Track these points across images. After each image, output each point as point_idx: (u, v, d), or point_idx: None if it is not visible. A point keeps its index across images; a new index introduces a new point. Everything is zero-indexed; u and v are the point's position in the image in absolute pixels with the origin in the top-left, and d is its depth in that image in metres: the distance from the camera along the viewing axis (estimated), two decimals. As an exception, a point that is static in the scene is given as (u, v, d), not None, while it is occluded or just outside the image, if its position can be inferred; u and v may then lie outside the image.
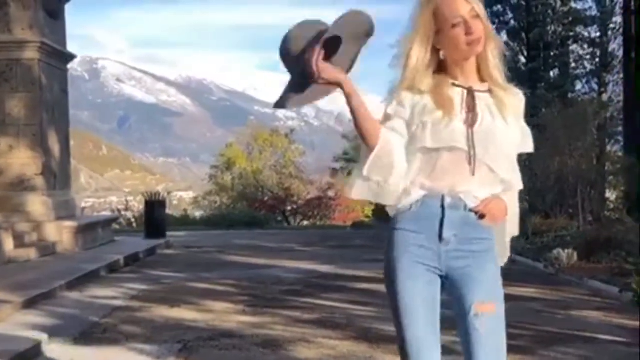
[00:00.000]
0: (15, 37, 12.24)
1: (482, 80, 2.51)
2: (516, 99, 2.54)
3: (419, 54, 2.46)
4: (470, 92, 2.48)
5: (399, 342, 2.49)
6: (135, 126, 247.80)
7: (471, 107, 2.46)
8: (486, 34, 2.44)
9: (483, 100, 2.48)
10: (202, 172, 65.36)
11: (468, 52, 2.44)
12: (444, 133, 2.42)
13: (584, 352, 5.19)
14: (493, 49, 2.48)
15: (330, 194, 32.24)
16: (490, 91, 2.49)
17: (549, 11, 19.11)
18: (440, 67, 2.50)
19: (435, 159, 2.45)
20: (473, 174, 2.44)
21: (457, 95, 2.47)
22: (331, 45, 2.37)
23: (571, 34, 19.72)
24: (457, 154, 2.43)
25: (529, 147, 2.60)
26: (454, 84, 2.48)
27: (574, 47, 20.46)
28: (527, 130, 2.59)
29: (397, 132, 2.47)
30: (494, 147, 2.44)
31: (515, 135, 2.52)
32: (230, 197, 35.29)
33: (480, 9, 2.43)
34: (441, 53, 2.48)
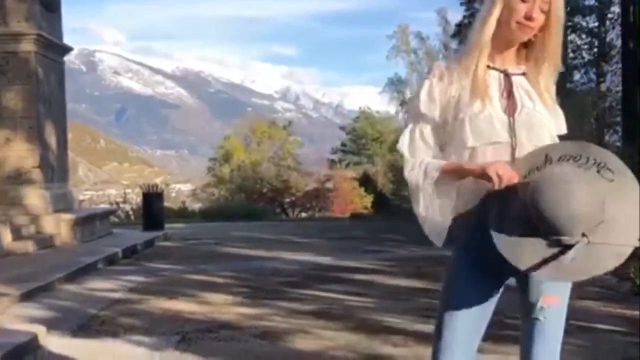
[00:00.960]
0: (11, 30, 12.18)
1: (518, 62, 2.43)
2: (551, 80, 2.46)
3: (496, 14, 2.37)
4: (507, 76, 2.41)
5: (435, 336, 2.45)
6: (132, 119, 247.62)
7: (509, 92, 2.39)
8: (546, 24, 2.35)
9: (520, 85, 2.40)
10: (200, 164, 65.46)
11: (514, 32, 2.35)
12: (483, 128, 2.34)
13: (582, 342, 5.19)
14: (549, 36, 2.38)
15: (329, 185, 32.27)
16: (525, 74, 2.42)
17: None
18: None
19: (478, 156, 2.36)
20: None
21: (493, 80, 2.39)
22: None
23: (569, 23, 19.67)
24: (500, 146, 2.35)
25: (562, 128, 2.50)
26: (488, 67, 2.40)
27: (572, 37, 20.45)
28: (560, 112, 2.50)
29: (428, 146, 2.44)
30: (537, 134, 2.36)
31: (553, 118, 2.44)
32: (229, 189, 35.31)
33: (557, 8, 2.34)
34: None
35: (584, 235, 2.11)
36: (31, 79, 12.29)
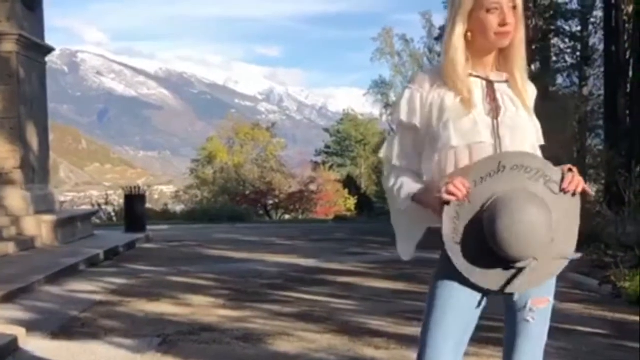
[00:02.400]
0: (-7, 30, 12.09)
1: (498, 69, 2.44)
2: (530, 91, 2.48)
3: (459, 31, 2.35)
4: (490, 83, 2.41)
5: (420, 342, 2.42)
6: (115, 119, 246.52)
7: (492, 98, 2.39)
8: (517, 24, 2.35)
9: (503, 91, 2.41)
10: (183, 165, 65.30)
11: (494, 42, 2.35)
12: (467, 129, 2.34)
13: (564, 344, 5.21)
14: (521, 40, 2.39)
15: (312, 187, 32.23)
16: (507, 82, 2.43)
17: (530, 5, 19.18)
18: None
19: (461, 156, 2.34)
20: None
21: (476, 86, 2.39)
22: None
23: (552, 27, 19.79)
24: (484, 145, 2.34)
25: (541, 139, 2.51)
26: (471, 74, 2.40)
27: (555, 40, 20.57)
28: (538, 123, 2.50)
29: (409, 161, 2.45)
30: (520, 137, 2.36)
31: (535, 126, 2.46)
32: (212, 191, 35.20)
33: (519, 3, 2.34)
34: (468, 34, 2.37)
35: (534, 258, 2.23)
36: (12, 80, 12.19)
